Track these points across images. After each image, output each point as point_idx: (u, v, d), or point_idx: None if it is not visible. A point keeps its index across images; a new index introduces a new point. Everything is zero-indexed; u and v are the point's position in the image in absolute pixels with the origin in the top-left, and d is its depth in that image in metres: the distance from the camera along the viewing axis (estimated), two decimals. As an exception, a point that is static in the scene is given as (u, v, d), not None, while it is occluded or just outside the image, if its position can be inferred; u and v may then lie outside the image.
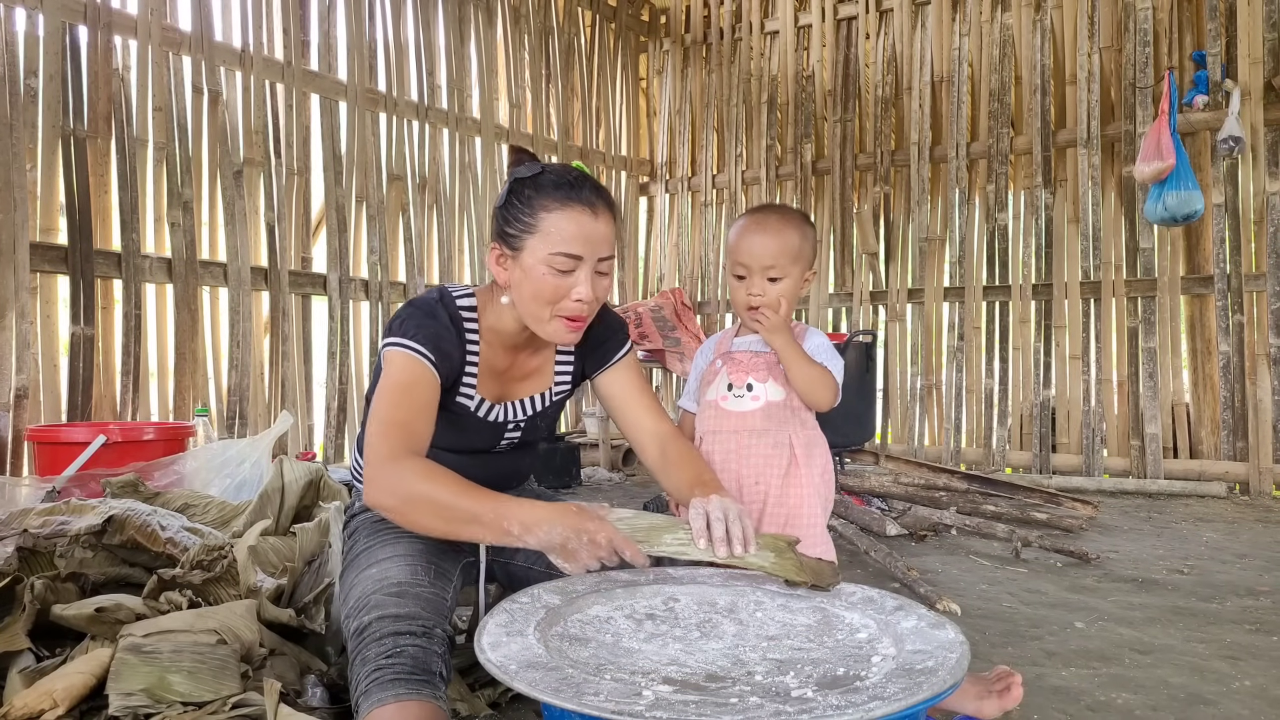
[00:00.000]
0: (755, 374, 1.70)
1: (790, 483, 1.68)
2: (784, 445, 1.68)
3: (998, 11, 4.89)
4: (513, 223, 1.49)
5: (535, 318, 1.51)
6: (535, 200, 1.47)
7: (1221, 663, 1.85)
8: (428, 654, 1.25)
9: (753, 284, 1.68)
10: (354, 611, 1.34)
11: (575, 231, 1.45)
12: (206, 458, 2.65)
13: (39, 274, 3.20)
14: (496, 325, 1.58)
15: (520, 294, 1.50)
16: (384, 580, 1.37)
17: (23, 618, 1.51)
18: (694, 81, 6.06)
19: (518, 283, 1.50)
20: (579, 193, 1.47)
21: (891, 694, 0.93)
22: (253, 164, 3.89)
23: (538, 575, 1.57)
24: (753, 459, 1.68)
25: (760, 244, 1.68)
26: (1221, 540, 3.14)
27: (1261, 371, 4.18)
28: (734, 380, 1.71)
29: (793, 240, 1.68)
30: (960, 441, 4.89)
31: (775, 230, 1.68)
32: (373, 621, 1.28)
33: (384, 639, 1.25)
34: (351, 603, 1.37)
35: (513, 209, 1.49)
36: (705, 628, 1.20)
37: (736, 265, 1.72)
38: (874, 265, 5.28)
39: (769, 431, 1.69)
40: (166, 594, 1.61)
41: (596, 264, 1.49)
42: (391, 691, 1.18)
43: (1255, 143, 4.18)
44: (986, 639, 2.00)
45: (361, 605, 1.33)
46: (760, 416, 1.70)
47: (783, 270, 1.67)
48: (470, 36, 4.99)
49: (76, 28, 3.30)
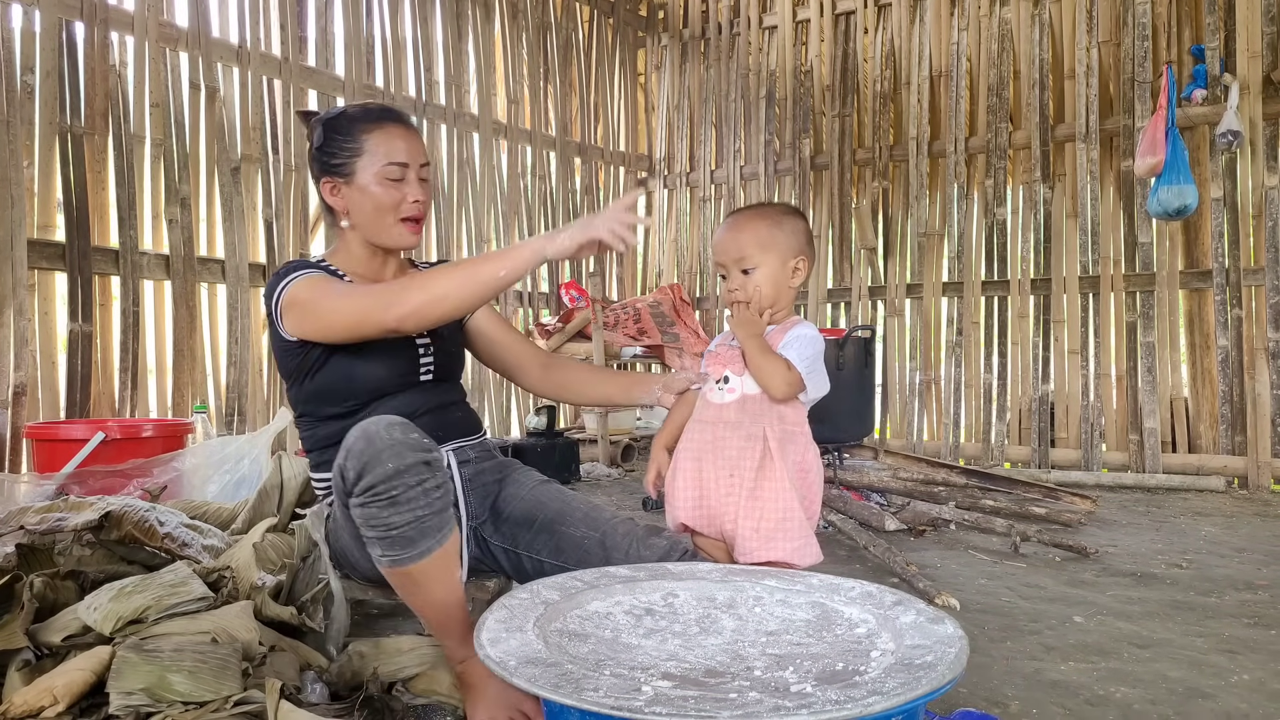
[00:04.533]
0: (732, 366, 1.71)
1: (764, 475, 1.68)
2: (757, 438, 1.68)
3: (996, 6, 4.89)
4: (337, 154, 1.66)
5: (379, 229, 1.68)
6: (354, 129, 1.66)
7: (1220, 656, 1.85)
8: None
9: (731, 279, 1.73)
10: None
11: (398, 145, 1.67)
12: (205, 454, 2.65)
13: (36, 271, 3.19)
14: (350, 261, 1.73)
15: (362, 213, 1.67)
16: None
17: (21, 615, 1.51)
18: (692, 77, 6.06)
19: (357, 205, 1.67)
20: (389, 114, 1.71)
21: (891, 689, 0.93)
22: (250, 160, 3.88)
23: (550, 568, 1.59)
24: (727, 450, 1.69)
25: (729, 239, 1.73)
26: (1220, 534, 3.14)
27: (1260, 366, 4.18)
28: (712, 372, 1.74)
29: (760, 230, 1.71)
30: (959, 436, 4.90)
31: (743, 224, 1.74)
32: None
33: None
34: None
35: (333, 143, 1.66)
36: (704, 623, 1.20)
37: (718, 266, 1.78)
38: (872, 260, 5.28)
39: (742, 424, 1.69)
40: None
41: (419, 170, 1.69)
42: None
43: (1254, 137, 4.18)
44: (985, 633, 2.00)
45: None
46: (734, 409, 1.70)
47: (754, 260, 1.70)
48: (468, 32, 4.98)
49: (73, 24, 3.29)
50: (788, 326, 1.75)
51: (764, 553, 1.64)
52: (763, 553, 1.64)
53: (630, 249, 1.58)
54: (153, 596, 1.51)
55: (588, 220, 1.53)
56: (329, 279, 1.62)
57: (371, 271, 1.74)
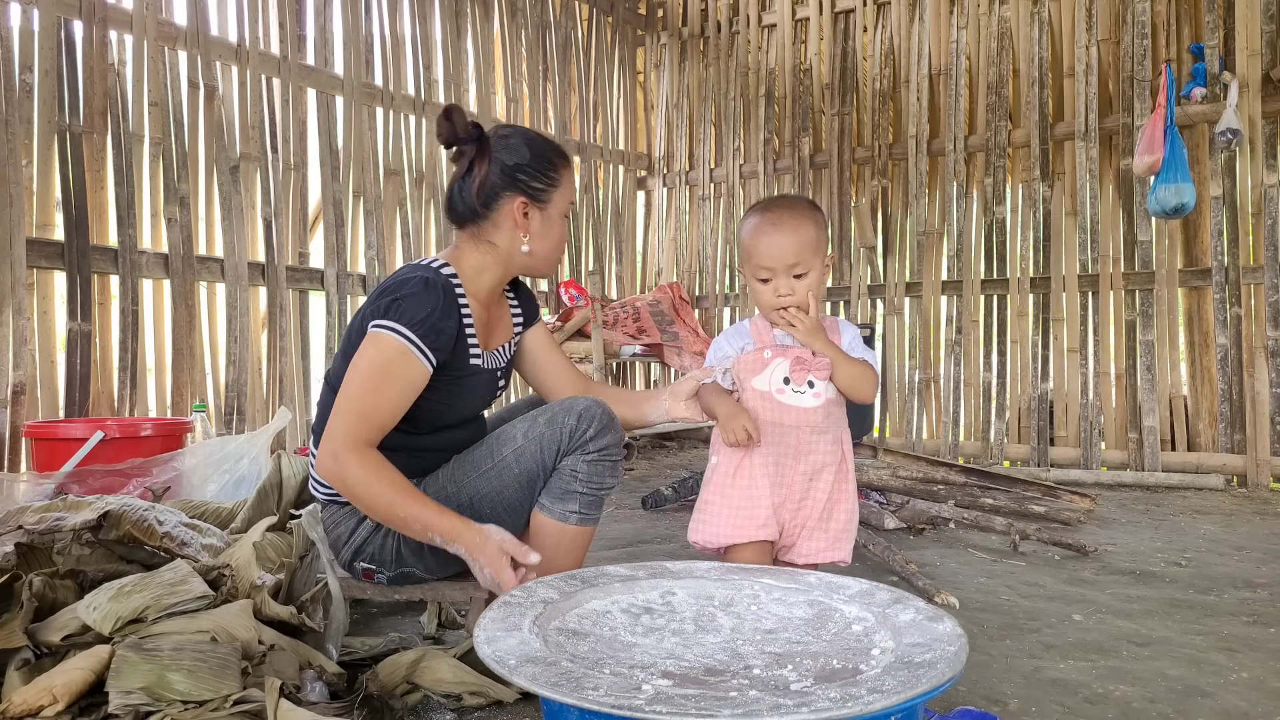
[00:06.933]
0: (817, 372, 1.68)
1: (841, 478, 1.68)
2: (839, 443, 1.69)
3: (995, 4, 4.88)
4: (540, 179, 1.74)
5: (549, 260, 1.80)
6: (558, 161, 1.77)
7: (1219, 654, 1.85)
8: None
9: (779, 285, 1.66)
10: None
11: (574, 187, 1.85)
12: (205, 454, 2.64)
13: (35, 270, 3.19)
14: (477, 283, 1.77)
15: (545, 241, 1.77)
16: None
17: (21, 615, 1.51)
18: (691, 75, 6.05)
19: (541, 232, 1.76)
20: (569, 157, 1.85)
21: (890, 687, 0.93)
22: (249, 159, 3.88)
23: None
24: (813, 456, 1.67)
25: (781, 243, 1.65)
26: (1219, 532, 3.14)
27: (1259, 364, 4.18)
28: (793, 376, 1.68)
29: (811, 233, 1.67)
30: (958, 435, 4.90)
31: (793, 227, 1.66)
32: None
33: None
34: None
35: (541, 167, 1.74)
36: (702, 621, 1.20)
37: (759, 269, 1.68)
38: (872, 259, 5.28)
39: (829, 430, 1.68)
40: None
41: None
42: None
43: (1253, 135, 4.18)
44: (984, 632, 2.00)
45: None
46: (822, 414, 1.69)
47: (807, 264, 1.65)
48: (467, 31, 4.97)
49: (71, 22, 3.29)
50: (831, 329, 1.74)
51: (830, 554, 1.65)
52: (829, 554, 1.65)
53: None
54: (152, 595, 1.51)
55: (473, 560, 1.52)
56: (393, 378, 1.58)
57: (487, 293, 1.79)
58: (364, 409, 1.57)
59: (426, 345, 1.59)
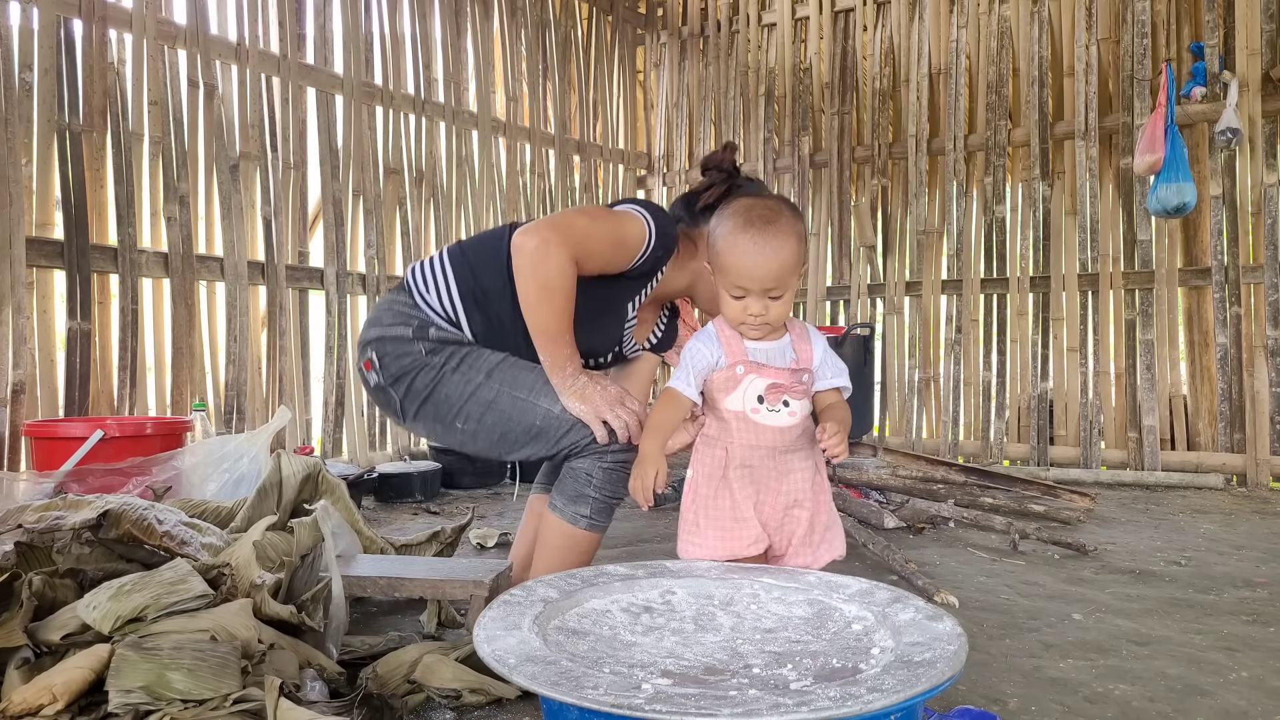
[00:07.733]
0: (792, 393, 1.63)
1: (817, 489, 1.68)
2: (813, 457, 1.67)
3: (995, 3, 4.88)
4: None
5: (706, 300, 2.08)
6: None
7: (1219, 654, 1.85)
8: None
9: (751, 304, 1.57)
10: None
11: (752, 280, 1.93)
12: (204, 453, 2.64)
13: (35, 269, 3.19)
14: (667, 279, 1.99)
15: (708, 289, 2.01)
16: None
17: (20, 613, 1.51)
18: (691, 74, 6.05)
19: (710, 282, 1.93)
20: None
21: (890, 686, 0.93)
22: (249, 158, 3.88)
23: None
24: (793, 476, 1.64)
25: (762, 267, 1.54)
26: (1219, 532, 3.14)
27: (1259, 363, 4.18)
28: (768, 396, 1.62)
29: (793, 254, 1.56)
30: (958, 434, 4.90)
31: (775, 250, 1.54)
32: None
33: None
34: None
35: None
36: (702, 620, 1.20)
37: (733, 286, 1.58)
38: (871, 258, 5.27)
39: (804, 448, 1.66)
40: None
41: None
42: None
43: (1253, 134, 4.18)
44: (984, 631, 2.00)
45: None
46: (798, 430, 1.65)
47: (785, 285, 1.57)
48: (467, 29, 4.97)
49: (71, 21, 3.29)
50: (800, 336, 1.69)
51: (823, 560, 1.65)
52: (821, 561, 1.65)
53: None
54: (152, 594, 1.51)
55: (611, 406, 1.74)
56: (621, 242, 1.81)
57: (655, 302, 2.07)
58: (584, 232, 1.74)
59: (660, 244, 1.83)
